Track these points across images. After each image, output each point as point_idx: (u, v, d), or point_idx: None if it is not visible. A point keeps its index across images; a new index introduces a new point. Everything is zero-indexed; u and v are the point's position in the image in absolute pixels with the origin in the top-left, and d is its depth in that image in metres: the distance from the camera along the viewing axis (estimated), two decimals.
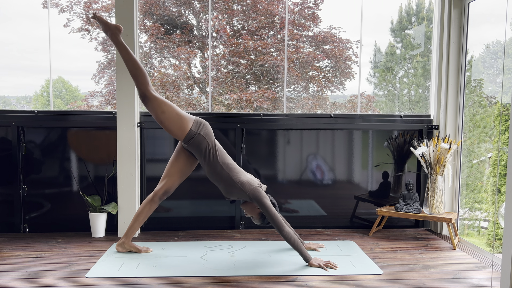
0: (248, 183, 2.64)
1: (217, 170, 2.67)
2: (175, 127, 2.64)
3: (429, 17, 4.96)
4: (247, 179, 2.67)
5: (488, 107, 4.90)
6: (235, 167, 2.72)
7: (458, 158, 3.42)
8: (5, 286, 2.33)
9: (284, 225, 2.58)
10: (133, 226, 2.88)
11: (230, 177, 2.65)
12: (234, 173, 2.66)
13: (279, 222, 2.57)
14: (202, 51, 5.42)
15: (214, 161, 2.66)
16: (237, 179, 2.65)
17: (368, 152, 3.69)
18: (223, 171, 2.66)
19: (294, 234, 2.66)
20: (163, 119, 2.62)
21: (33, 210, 3.47)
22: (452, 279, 2.49)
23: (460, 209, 3.51)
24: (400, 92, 5.52)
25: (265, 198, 2.60)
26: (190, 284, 2.37)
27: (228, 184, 2.66)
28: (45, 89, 5.36)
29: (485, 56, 4.98)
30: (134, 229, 2.89)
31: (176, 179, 2.86)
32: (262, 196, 2.60)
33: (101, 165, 3.49)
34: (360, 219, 3.70)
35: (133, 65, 2.63)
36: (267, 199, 2.61)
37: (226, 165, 2.68)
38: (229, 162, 2.71)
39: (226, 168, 2.66)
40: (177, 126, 2.64)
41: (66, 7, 5.10)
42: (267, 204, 2.58)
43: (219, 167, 2.66)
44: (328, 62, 5.51)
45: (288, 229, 2.61)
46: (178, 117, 2.64)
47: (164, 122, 2.63)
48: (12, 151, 3.39)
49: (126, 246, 2.90)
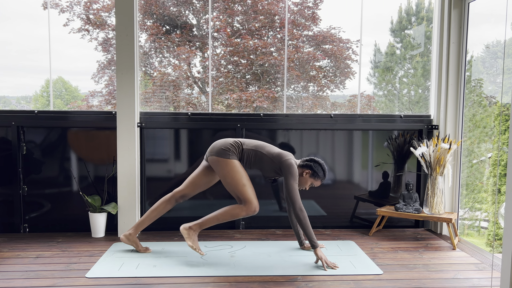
0: (279, 155, 2.73)
1: (256, 157, 2.78)
2: (233, 179, 2.72)
3: (429, 17, 4.96)
4: (278, 151, 2.77)
5: (488, 107, 4.90)
6: (265, 144, 2.84)
7: (458, 158, 3.42)
8: (5, 286, 2.33)
9: (301, 205, 2.65)
10: (143, 221, 2.91)
11: (264, 154, 2.76)
12: (266, 150, 2.78)
13: (298, 199, 2.63)
14: (202, 51, 5.42)
15: (253, 154, 2.79)
16: (269, 153, 2.76)
17: (368, 152, 3.69)
18: (257, 152, 2.77)
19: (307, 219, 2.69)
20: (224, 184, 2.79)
21: (33, 210, 3.47)
22: (452, 279, 2.49)
23: (460, 209, 3.51)
24: (400, 92, 5.52)
25: (292, 173, 2.66)
26: (190, 284, 2.37)
27: (264, 161, 2.76)
28: (45, 89, 5.36)
29: (485, 56, 4.98)
30: (144, 224, 2.92)
31: (197, 189, 2.93)
32: (290, 169, 2.66)
33: (101, 165, 3.49)
34: (360, 219, 3.70)
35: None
36: (293, 175, 2.66)
37: (257, 146, 2.80)
38: (259, 143, 2.83)
39: (259, 149, 2.78)
40: (232, 175, 2.72)
41: (66, 7, 5.10)
42: (291, 180, 2.65)
43: (255, 154, 2.78)
44: (328, 62, 5.51)
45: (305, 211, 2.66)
46: (232, 176, 2.72)
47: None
48: (12, 151, 3.39)
49: (130, 239, 2.92)
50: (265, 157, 2.75)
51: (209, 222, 2.80)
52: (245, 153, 2.76)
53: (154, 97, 5.21)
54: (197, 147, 3.57)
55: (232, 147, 2.74)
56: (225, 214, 2.74)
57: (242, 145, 2.78)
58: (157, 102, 5.21)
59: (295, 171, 2.67)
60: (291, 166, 2.67)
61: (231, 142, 2.78)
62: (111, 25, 5.25)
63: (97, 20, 5.23)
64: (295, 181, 2.65)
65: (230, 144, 2.76)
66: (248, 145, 2.78)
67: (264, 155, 2.75)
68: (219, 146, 2.76)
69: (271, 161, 2.74)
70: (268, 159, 2.74)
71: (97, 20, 5.23)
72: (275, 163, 2.73)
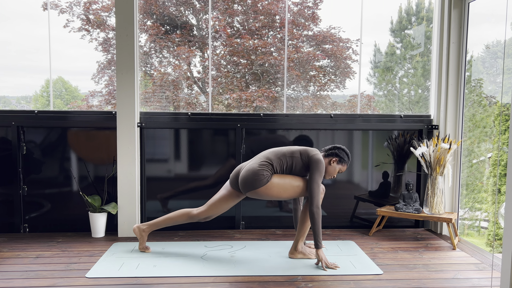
0: (306, 151, 2.73)
1: (287, 164, 2.75)
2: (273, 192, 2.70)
3: (429, 17, 4.96)
4: (302, 148, 2.78)
5: (488, 107, 4.90)
6: (283, 148, 2.81)
7: (458, 158, 3.42)
8: (5, 286, 2.33)
9: (319, 202, 2.65)
10: (159, 223, 2.92)
11: (293, 157, 2.73)
12: (290, 152, 2.76)
13: (318, 196, 2.63)
14: (202, 51, 5.41)
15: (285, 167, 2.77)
16: (296, 154, 2.74)
17: (368, 152, 3.69)
18: (285, 159, 2.73)
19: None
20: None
21: (33, 210, 3.47)
22: (452, 279, 2.49)
23: (460, 209, 3.51)
24: (400, 92, 5.51)
25: (320, 169, 2.65)
26: (190, 284, 2.37)
27: (295, 164, 2.73)
28: (45, 89, 5.36)
29: (485, 56, 4.98)
30: (158, 227, 2.93)
31: (221, 211, 2.87)
32: (318, 165, 2.66)
33: (101, 165, 3.49)
34: (360, 219, 3.70)
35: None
36: (321, 171, 2.66)
37: (280, 154, 2.76)
38: (278, 151, 2.78)
39: (285, 156, 2.74)
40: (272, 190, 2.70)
41: (66, 8, 5.10)
42: (317, 175, 2.64)
43: (285, 162, 2.74)
44: (328, 62, 5.51)
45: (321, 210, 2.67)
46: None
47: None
48: (12, 151, 3.39)
49: (142, 234, 2.94)
50: (295, 159, 2.72)
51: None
52: (276, 168, 2.72)
53: (154, 97, 5.20)
54: (197, 147, 3.57)
55: (264, 170, 2.66)
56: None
57: (270, 161, 2.71)
58: (157, 102, 5.20)
59: (322, 167, 2.67)
60: (320, 162, 2.67)
61: (259, 167, 2.67)
62: (111, 25, 5.24)
63: (97, 20, 5.23)
64: (321, 177, 2.66)
65: (260, 169, 2.66)
66: (274, 158, 2.72)
67: (294, 158, 2.72)
68: (251, 178, 2.65)
69: (301, 161, 2.72)
70: (298, 160, 2.72)
71: (97, 20, 5.23)
72: (303, 160, 2.71)
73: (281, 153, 2.75)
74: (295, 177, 2.72)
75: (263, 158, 2.74)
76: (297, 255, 2.81)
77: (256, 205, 3.62)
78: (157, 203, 3.55)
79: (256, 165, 2.69)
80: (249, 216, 3.60)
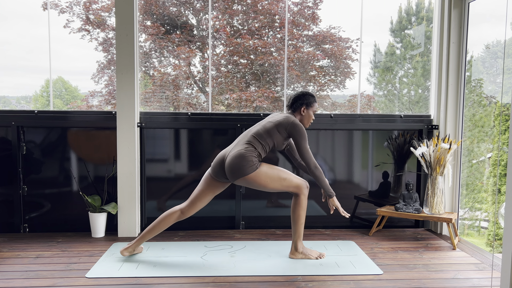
0: (280, 124, 2.68)
1: (268, 141, 2.71)
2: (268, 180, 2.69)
3: (429, 17, 4.96)
4: (278, 119, 2.72)
5: (488, 107, 4.89)
6: (257, 126, 2.77)
7: (458, 158, 3.42)
8: (5, 286, 2.33)
9: (316, 163, 2.68)
10: (145, 236, 2.78)
11: (272, 132, 2.68)
12: (268, 128, 2.70)
13: (312, 158, 2.66)
14: (202, 51, 5.42)
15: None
16: (274, 127, 2.68)
17: (368, 152, 3.69)
18: (265, 137, 2.68)
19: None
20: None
21: (33, 210, 3.47)
22: (452, 279, 2.49)
23: (460, 209, 3.51)
24: (400, 92, 5.51)
25: (302, 134, 2.64)
26: (190, 284, 2.37)
27: (275, 138, 2.69)
28: (45, 89, 5.36)
29: (485, 56, 4.98)
30: (146, 239, 2.79)
31: (205, 204, 2.81)
32: (299, 130, 2.64)
33: (101, 165, 3.49)
34: (360, 219, 3.70)
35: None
36: (303, 135, 2.65)
37: (260, 132, 2.71)
38: (256, 130, 2.73)
39: (265, 133, 2.69)
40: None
41: (66, 8, 5.10)
42: (303, 141, 2.64)
43: (266, 140, 2.70)
44: (328, 62, 5.51)
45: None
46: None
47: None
48: (12, 151, 3.39)
49: (134, 250, 2.85)
50: (274, 138, 2.67)
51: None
52: (261, 153, 2.67)
53: (154, 97, 5.20)
54: (197, 147, 3.57)
55: (252, 156, 2.61)
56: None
57: (254, 146, 2.65)
58: (157, 102, 5.21)
59: (302, 129, 2.65)
60: (297, 126, 2.64)
61: (247, 153, 2.60)
62: (111, 25, 5.24)
63: (97, 20, 5.23)
64: (306, 139, 2.64)
65: (249, 155, 2.59)
66: (257, 144, 2.66)
67: (274, 137, 2.67)
68: (238, 164, 2.57)
69: (280, 136, 2.67)
70: (277, 137, 2.67)
71: (97, 20, 5.23)
72: (282, 134, 2.67)
73: (259, 134, 2.67)
74: (283, 170, 2.72)
75: (246, 143, 2.65)
76: (298, 255, 2.81)
77: (256, 205, 3.62)
78: (157, 203, 3.55)
79: (243, 151, 2.60)
80: (249, 216, 3.60)
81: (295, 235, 2.80)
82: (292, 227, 2.80)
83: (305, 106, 2.77)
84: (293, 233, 2.80)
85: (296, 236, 2.79)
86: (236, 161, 2.58)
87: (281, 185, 2.68)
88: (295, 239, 2.80)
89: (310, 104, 2.78)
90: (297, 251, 2.81)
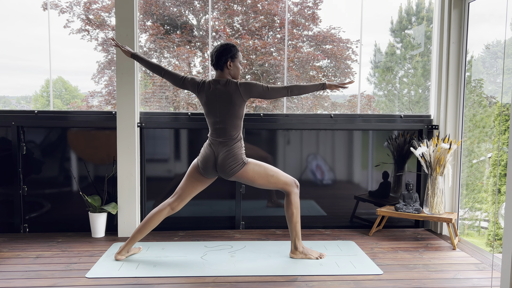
0: (235, 86, 2.64)
1: (237, 121, 2.70)
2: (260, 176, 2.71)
3: (429, 17, 4.96)
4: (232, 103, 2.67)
5: (488, 107, 4.89)
6: (222, 116, 2.73)
7: (458, 158, 3.42)
8: (5, 286, 2.33)
9: (287, 85, 2.67)
10: (136, 237, 2.76)
11: (232, 112, 2.65)
12: (231, 111, 2.66)
13: (279, 88, 2.65)
14: (202, 51, 5.42)
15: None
16: (237, 116, 2.67)
17: (368, 152, 3.69)
18: (232, 118, 2.66)
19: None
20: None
21: (33, 210, 3.47)
22: (452, 279, 2.49)
23: (460, 209, 3.51)
24: (400, 92, 5.51)
25: (251, 84, 2.63)
26: (190, 284, 2.37)
27: (238, 114, 2.67)
28: (45, 89, 5.36)
29: (485, 56, 4.98)
30: (137, 239, 2.78)
31: (193, 196, 2.83)
32: (246, 85, 2.62)
33: (101, 165, 3.49)
34: (360, 219, 3.70)
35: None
36: (251, 84, 2.63)
37: (228, 121, 2.69)
38: (231, 121, 2.71)
39: (229, 117, 2.67)
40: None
41: (66, 8, 5.10)
42: (258, 88, 2.62)
43: (234, 122, 2.69)
44: (328, 62, 5.51)
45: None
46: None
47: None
48: (12, 151, 3.39)
49: (127, 252, 2.83)
50: (241, 111, 2.65)
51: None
52: (241, 135, 2.70)
53: (154, 97, 5.20)
54: (197, 147, 3.56)
55: (242, 154, 2.66)
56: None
57: (237, 136, 2.67)
58: (157, 102, 5.21)
59: (247, 82, 2.63)
60: (243, 83, 2.62)
61: (237, 150, 2.64)
62: (111, 25, 5.24)
63: (97, 20, 5.23)
64: (256, 82, 2.62)
65: (238, 152, 2.64)
66: (236, 132, 2.66)
67: (240, 111, 2.65)
68: (232, 164, 2.62)
69: (240, 107, 2.64)
70: (240, 108, 2.64)
71: (97, 20, 5.23)
72: (240, 101, 2.62)
73: (236, 124, 2.66)
74: (271, 167, 2.73)
75: (233, 139, 2.65)
76: (298, 255, 2.81)
77: (256, 205, 3.62)
78: (157, 203, 3.55)
79: (235, 151, 2.63)
80: (249, 216, 3.60)
81: (293, 234, 2.80)
82: (289, 227, 2.80)
83: (230, 59, 2.67)
84: (290, 232, 2.81)
85: (293, 235, 2.80)
86: (229, 162, 2.62)
87: (268, 181, 2.69)
88: (293, 238, 2.81)
89: (234, 56, 2.68)
90: (297, 250, 2.81)
